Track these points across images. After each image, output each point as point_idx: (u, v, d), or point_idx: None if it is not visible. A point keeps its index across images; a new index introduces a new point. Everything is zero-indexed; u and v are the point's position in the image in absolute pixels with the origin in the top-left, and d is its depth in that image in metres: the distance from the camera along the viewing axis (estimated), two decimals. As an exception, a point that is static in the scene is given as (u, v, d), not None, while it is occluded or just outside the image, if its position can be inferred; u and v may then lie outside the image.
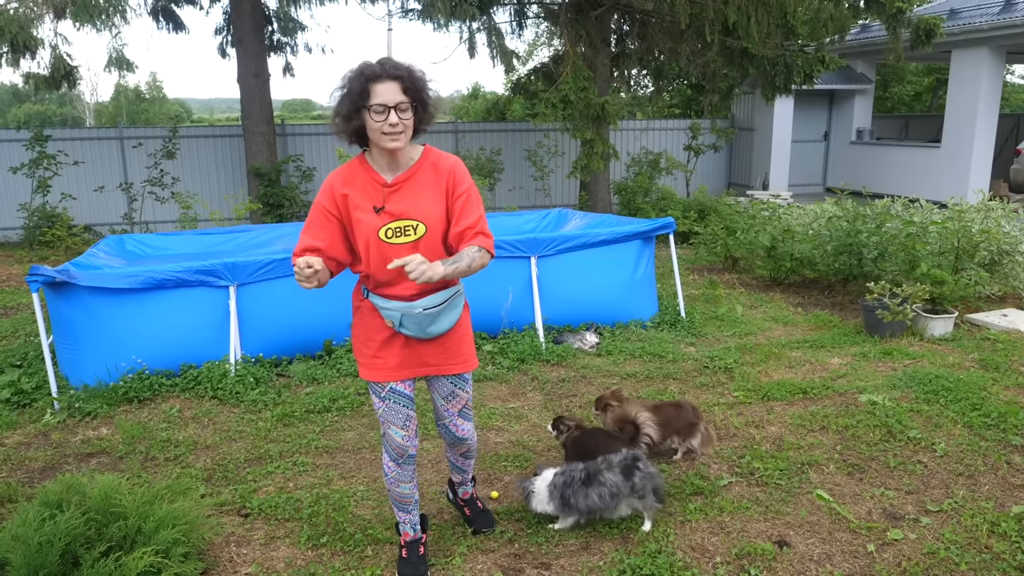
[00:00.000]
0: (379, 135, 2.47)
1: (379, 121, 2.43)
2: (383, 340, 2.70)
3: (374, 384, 2.76)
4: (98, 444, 4.32)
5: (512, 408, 4.66)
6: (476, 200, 2.65)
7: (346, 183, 2.58)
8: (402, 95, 2.44)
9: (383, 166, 2.59)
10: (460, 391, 2.86)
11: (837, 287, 7.78)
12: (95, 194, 12.49)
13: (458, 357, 2.80)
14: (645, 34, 12.90)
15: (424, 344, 2.72)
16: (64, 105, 45.56)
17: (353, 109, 2.46)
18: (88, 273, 5.01)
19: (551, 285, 5.93)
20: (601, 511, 3.09)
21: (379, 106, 2.42)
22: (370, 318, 2.71)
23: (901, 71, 24.62)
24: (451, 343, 2.77)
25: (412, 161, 2.61)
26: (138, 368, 5.08)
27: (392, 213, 2.55)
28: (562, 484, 3.10)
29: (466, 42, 11.09)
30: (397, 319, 2.63)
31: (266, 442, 4.26)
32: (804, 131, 16.34)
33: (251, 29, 11.68)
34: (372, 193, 2.57)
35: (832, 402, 4.48)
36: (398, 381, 2.74)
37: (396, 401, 2.76)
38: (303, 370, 5.26)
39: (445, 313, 2.68)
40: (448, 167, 2.63)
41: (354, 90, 2.44)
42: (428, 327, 2.65)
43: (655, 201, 12.04)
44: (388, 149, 2.51)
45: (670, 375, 5.12)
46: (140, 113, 42.70)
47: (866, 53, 15.29)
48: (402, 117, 2.45)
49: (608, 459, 3.14)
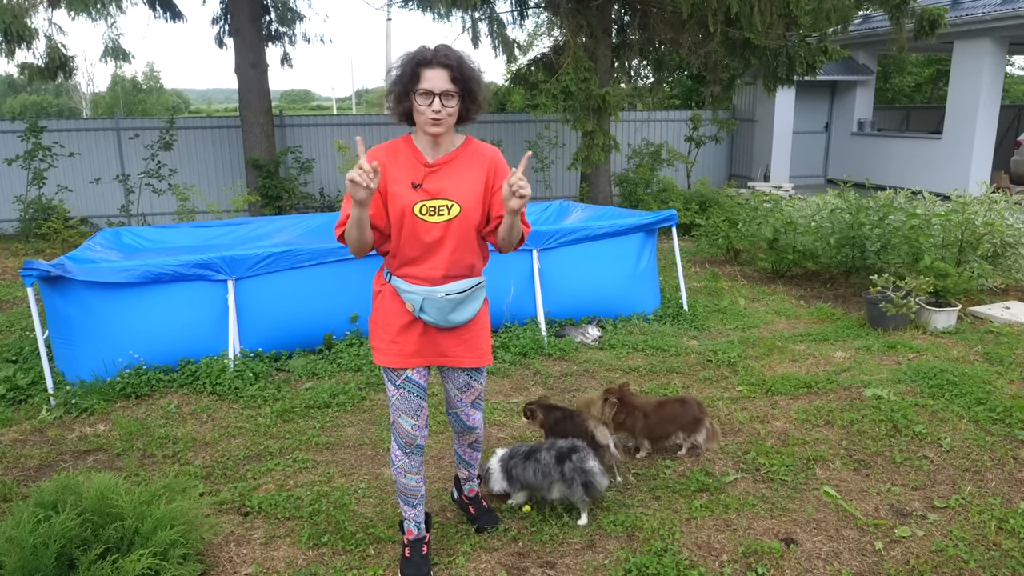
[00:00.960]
0: (423, 119, 2.53)
1: (424, 106, 2.49)
2: (402, 326, 2.70)
3: (389, 371, 2.76)
4: (95, 441, 4.27)
5: (514, 403, 4.61)
6: None
7: (388, 156, 2.62)
8: (449, 83, 2.49)
9: (426, 147, 2.63)
10: (475, 383, 2.89)
11: (839, 280, 7.73)
12: (92, 186, 12.39)
13: (476, 351, 2.80)
14: (646, 24, 12.80)
15: (443, 334, 2.73)
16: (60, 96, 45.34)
17: (403, 92, 2.53)
18: (84, 267, 4.95)
19: (553, 278, 5.88)
20: (538, 488, 3.23)
21: (425, 91, 2.48)
22: (391, 302, 2.71)
23: (902, 62, 24.52)
24: (470, 335, 2.78)
25: (454, 147, 2.66)
26: (135, 364, 5.03)
27: (429, 191, 2.58)
28: (507, 457, 3.32)
29: (469, 31, 11.01)
30: (418, 303, 2.63)
31: (266, 438, 4.22)
32: (805, 122, 16.25)
33: (249, 18, 11.57)
34: (412, 170, 2.61)
35: (837, 396, 4.44)
36: (413, 369, 2.74)
37: (410, 391, 2.76)
38: (303, 365, 5.21)
39: (467, 302, 2.69)
40: (490, 156, 2.69)
41: (405, 73, 2.52)
42: (449, 314, 2.66)
43: (656, 193, 11.98)
44: (430, 134, 2.56)
45: (673, 369, 5.08)
46: (137, 104, 42.47)
47: (868, 44, 15.19)
48: (446, 104, 2.50)
49: (553, 442, 3.28)
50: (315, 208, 12.74)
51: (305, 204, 12.64)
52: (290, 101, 73.02)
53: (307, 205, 12.69)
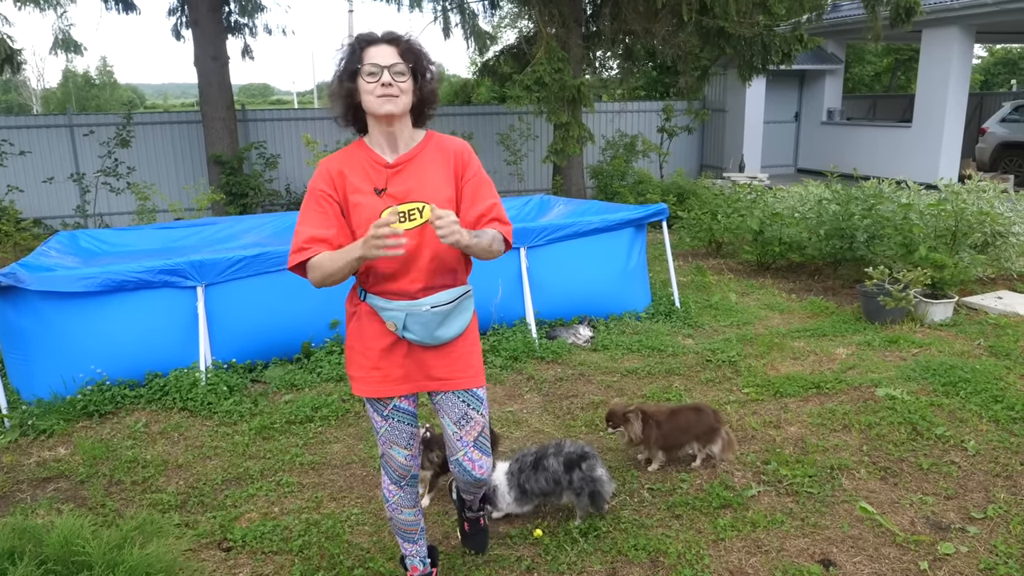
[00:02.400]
0: (372, 100, 2.20)
1: (372, 82, 2.19)
2: (384, 349, 2.36)
3: (375, 401, 2.42)
4: (55, 467, 3.91)
5: (510, 412, 4.35)
6: (488, 184, 2.41)
7: (344, 164, 2.32)
8: (398, 58, 2.21)
9: (383, 146, 2.32)
10: (475, 413, 2.45)
11: (826, 271, 7.60)
12: (45, 186, 11.78)
13: (468, 369, 2.43)
14: (618, 14, 12.59)
15: (429, 353, 2.38)
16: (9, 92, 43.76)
17: (346, 74, 2.23)
18: (38, 276, 4.56)
19: (542, 277, 5.61)
20: (549, 495, 3.13)
21: (372, 66, 2.19)
22: (368, 323, 2.38)
23: (861, 51, 24.71)
24: (458, 352, 2.42)
25: (415, 142, 2.35)
26: (98, 379, 4.65)
27: (395, 195, 2.27)
28: (516, 470, 3.12)
29: (440, 22, 10.68)
30: (401, 320, 2.30)
31: (245, 459, 3.89)
32: (775, 112, 16.21)
33: (208, 9, 11.09)
34: (372, 174, 2.29)
35: (848, 397, 4.25)
36: (401, 397, 2.42)
37: (400, 420, 2.44)
38: (280, 375, 4.88)
39: (454, 315, 2.36)
40: (455, 148, 2.39)
41: (346, 56, 2.24)
42: (436, 330, 2.33)
43: (632, 185, 11.77)
44: (383, 115, 2.22)
45: (672, 371, 4.86)
46: (90, 100, 41.15)
47: (837, 33, 15.18)
48: (396, 79, 2.20)
49: (559, 445, 3.16)
50: (281, 205, 12.30)
51: (271, 201, 12.19)
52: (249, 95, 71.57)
53: (273, 202, 12.25)
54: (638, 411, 3.50)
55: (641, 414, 3.48)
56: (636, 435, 3.48)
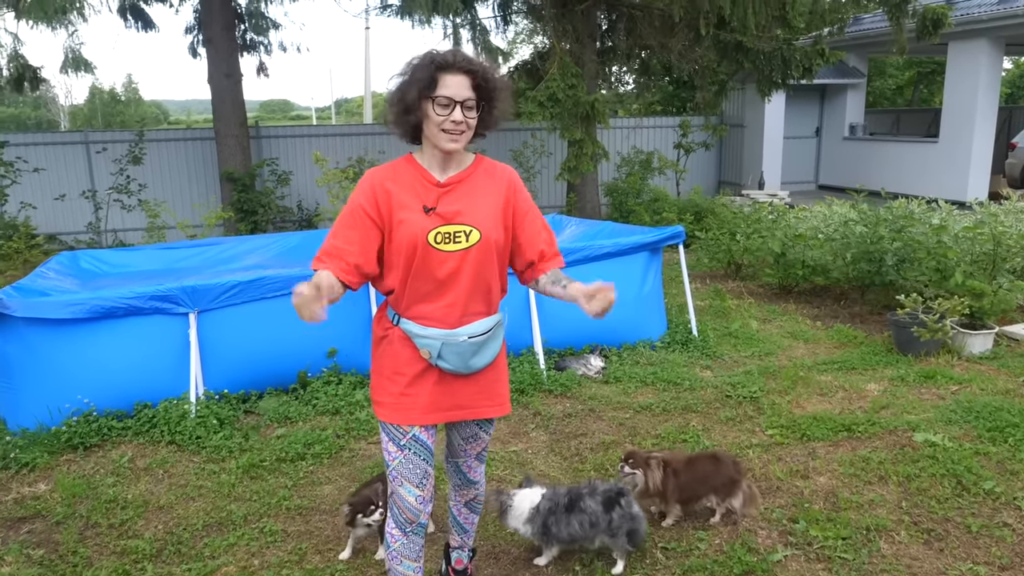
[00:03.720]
0: (438, 132, 2.19)
1: (442, 115, 2.17)
2: (415, 375, 2.33)
3: (394, 428, 2.34)
4: (32, 505, 3.69)
5: (514, 452, 4.07)
6: (539, 214, 2.43)
7: (391, 179, 2.28)
8: (471, 91, 2.19)
9: (434, 165, 2.30)
10: (484, 433, 2.56)
11: (852, 295, 7.26)
12: (61, 203, 11.71)
13: (495, 398, 2.45)
14: (632, 29, 12.36)
15: (459, 381, 2.36)
16: (38, 108, 44.46)
17: (416, 99, 2.18)
18: (24, 302, 4.36)
19: (551, 303, 5.34)
20: (581, 540, 2.93)
21: (445, 99, 2.16)
22: (400, 349, 2.33)
23: (882, 64, 24.28)
24: (487, 381, 2.42)
25: (466, 164, 2.34)
26: (85, 409, 4.44)
27: (444, 215, 2.24)
28: (547, 511, 2.90)
29: (450, 38, 10.50)
30: (436, 349, 2.28)
31: (229, 501, 3.65)
32: (796, 127, 15.85)
33: (222, 27, 11.03)
34: (422, 192, 2.27)
35: (883, 443, 3.92)
36: (423, 427, 2.35)
37: (416, 452, 2.35)
38: (274, 407, 4.64)
39: (488, 343, 2.36)
40: (507, 176, 2.38)
41: (420, 78, 2.17)
42: (471, 359, 2.32)
43: (648, 203, 11.48)
44: (445, 150, 2.23)
45: (689, 407, 4.56)
46: (115, 115, 41.73)
47: (859, 46, 14.84)
48: (467, 115, 2.19)
49: (593, 485, 2.96)
50: (292, 223, 12.15)
51: (282, 218, 12.04)
52: (269, 111, 72.30)
53: (284, 219, 12.10)
54: (661, 460, 3.21)
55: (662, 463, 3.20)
56: (656, 484, 3.19)
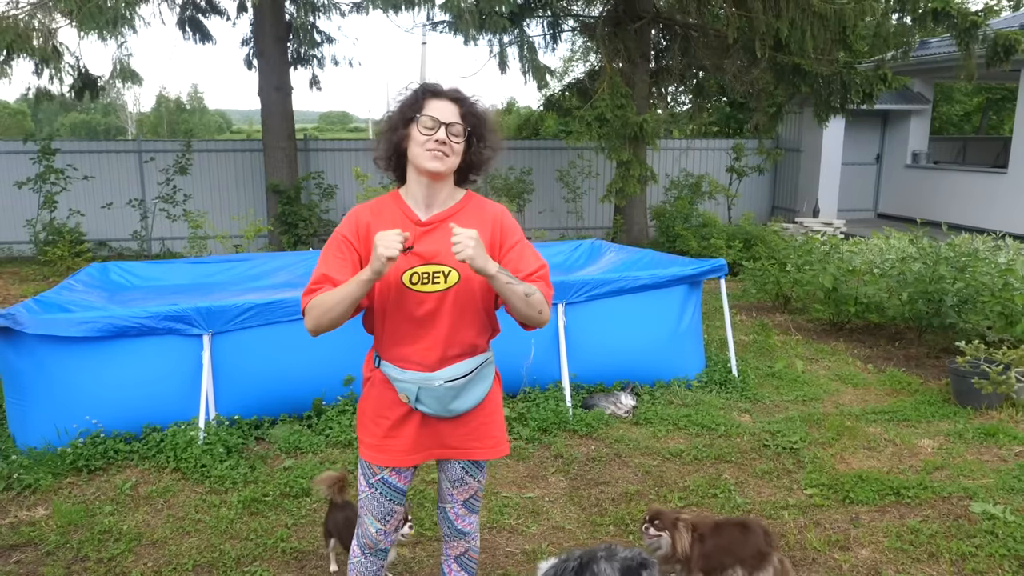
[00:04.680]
0: (421, 152, 2.12)
1: (426, 134, 2.10)
2: (397, 419, 2.27)
3: (367, 465, 2.33)
4: (27, 532, 3.57)
5: (529, 499, 3.80)
6: (533, 250, 2.26)
7: (373, 213, 2.23)
8: (458, 118, 2.14)
9: (419, 201, 2.22)
10: (471, 479, 2.40)
11: (908, 335, 6.80)
12: (113, 210, 11.93)
13: (486, 440, 2.33)
14: (687, 49, 12.06)
15: (446, 423, 2.29)
16: (109, 115, 46.23)
17: (400, 119, 2.15)
18: (36, 319, 4.28)
19: (581, 337, 5.06)
20: None
21: (430, 119, 2.11)
22: (382, 392, 2.29)
23: (949, 89, 23.33)
24: (478, 422, 2.32)
25: (452, 201, 2.25)
26: (93, 430, 4.33)
27: (422, 255, 2.17)
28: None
29: (496, 56, 10.37)
30: (413, 393, 2.21)
31: (224, 539, 3.46)
32: (855, 153, 15.25)
33: (273, 40, 11.13)
34: (401, 230, 2.13)
35: (936, 511, 3.53)
36: (392, 470, 2.31)
37: (383, 493, 2.34)
38: (286, 435, 4.47)
39: (471, 386, 2.25)
40: (496, 214, 2.26)
41: (407, 101, 2.17)
42: (450, 403, 2.23)
43: (696, 228, 11.09)
44: (428, 171, 2.13)
45: (723, 456, 4.22)
46: (181, 124, 43.10)
47: (925, 71, 14.21)
48: (452, 139, 2.12)
49: (611, 549, 2.73)
50: (334, 237, 12.11)
51: (326, 231, 12.03)
52: (329, 123, 73.74)
53: (328, 231, 12.09)
54: (690, 523, 2.91)
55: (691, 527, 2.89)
56: (684, 549, 2.88)
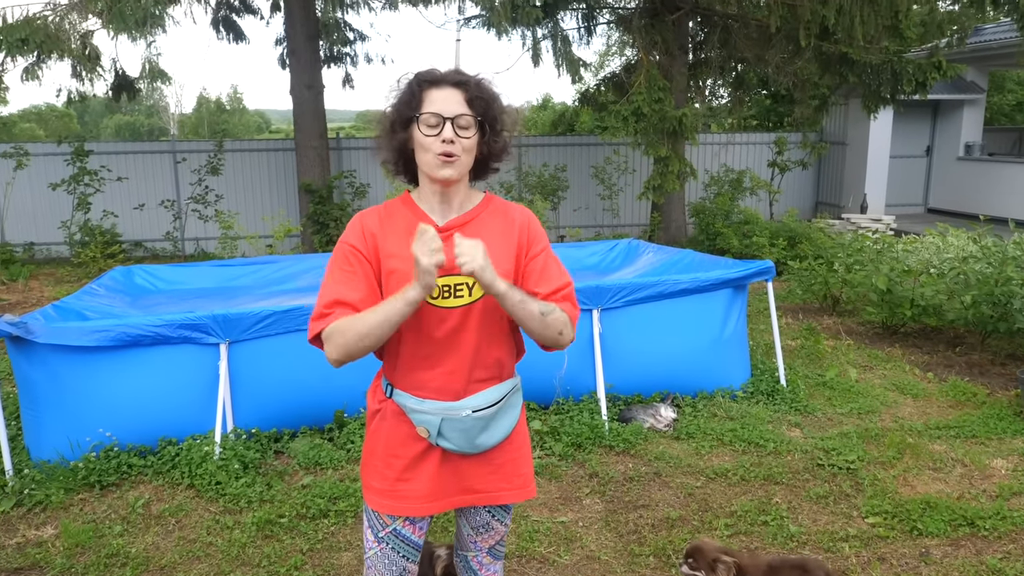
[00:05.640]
0: (429, 157, 1.83)
1: (430, 135, 1.81)
2: (413, 457, 1.94)
3: (375, 515, 1.99)
4: (33, 553, 3.40)
5: (562, 524, 3.51)
6: (557, 262, 1.98)
7: (380, 221, 1.93)
8: (464, 107, 1.83)
9: (433, 205, 1.93)
10: (498, 523, 2.10)
11: (969, 340, 6.35)
12: (147, 210, 11.94)
13: (514, 480, 2.02)
14: (727, 40, 11.62)
15: (469, 461, 1.97)
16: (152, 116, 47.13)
17: (398, 120, 1.87)
18: (49, 328, 4.12)
19: (617, 344, 4.76)
20: None
21: (432, 116, 1.81)
22: (395, 426, 1.95)
23: (1001, 78, 22.35)
24: (505, 460, 2.00)
25: (472, 204, 1.96)
26: (107, 443, 4.16)
27: (441, 266, 1.82)
28: None
29: (529, 50, 10.08)
30: (435, 427, 1.90)
31: (236, 565, 3.25)
32: (904, 146, 14.61)
33: (305, 39, 10.99)
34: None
35: (1018, 547, 3.15)
36: (407, 520, 1.98)
37: (395, 548, 2.00)
38: (305, 450, 4.25)
39: (500, 416, 1.95)
40: (522, 218, 1.98)
41: (402, 96, 1.88)
42: (477, 437, 1.93)
43: (737, 225, 10.66)
44: (440, 180, 1.85)
45: (772, 477, 3.88)
46: (220, 124, 43.73)
47: (979, 59, 13.54)
48: (461, 134, 1.82)
49: None
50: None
51: (356, 231, 11.90)
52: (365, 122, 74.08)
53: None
54: (733, 564, 2.61)
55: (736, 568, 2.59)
56: None
